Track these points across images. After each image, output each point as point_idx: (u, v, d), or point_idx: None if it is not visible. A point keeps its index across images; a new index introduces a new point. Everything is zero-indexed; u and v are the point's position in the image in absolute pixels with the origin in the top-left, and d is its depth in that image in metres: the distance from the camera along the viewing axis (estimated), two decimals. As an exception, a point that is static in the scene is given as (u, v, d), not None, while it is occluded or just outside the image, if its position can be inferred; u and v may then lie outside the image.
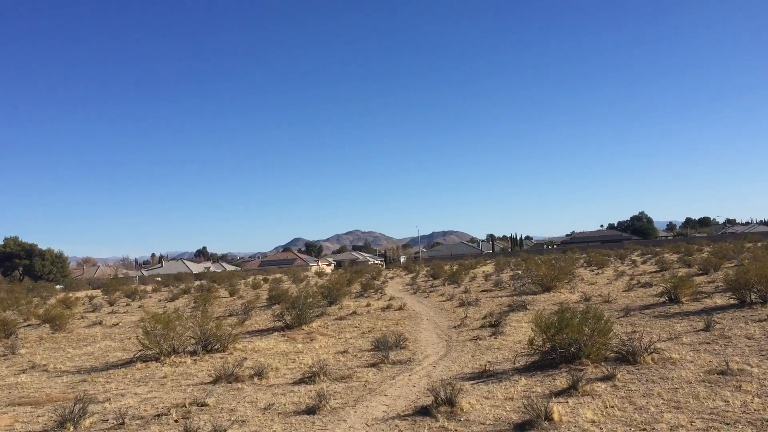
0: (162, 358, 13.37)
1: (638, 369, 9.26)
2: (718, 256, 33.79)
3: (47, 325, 22.89)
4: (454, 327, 16.64)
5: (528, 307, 19.19)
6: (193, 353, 13.81)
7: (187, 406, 8.90)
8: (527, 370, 9.93)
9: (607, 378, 8.74)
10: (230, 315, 23.71)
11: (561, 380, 8.88)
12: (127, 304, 36.10)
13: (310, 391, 9.52)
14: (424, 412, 7.78)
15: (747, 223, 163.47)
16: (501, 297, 24.45)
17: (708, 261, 31.27)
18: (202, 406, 8.89)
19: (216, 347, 14.16)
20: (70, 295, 50.78)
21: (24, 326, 24.61)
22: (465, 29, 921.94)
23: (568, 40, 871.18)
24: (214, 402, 9.08)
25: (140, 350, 13.85)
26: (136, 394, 10.29)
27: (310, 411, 8.22)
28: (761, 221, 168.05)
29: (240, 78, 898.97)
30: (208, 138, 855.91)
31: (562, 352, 9.72)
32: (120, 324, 23.50)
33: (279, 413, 8.29)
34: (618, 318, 15.18)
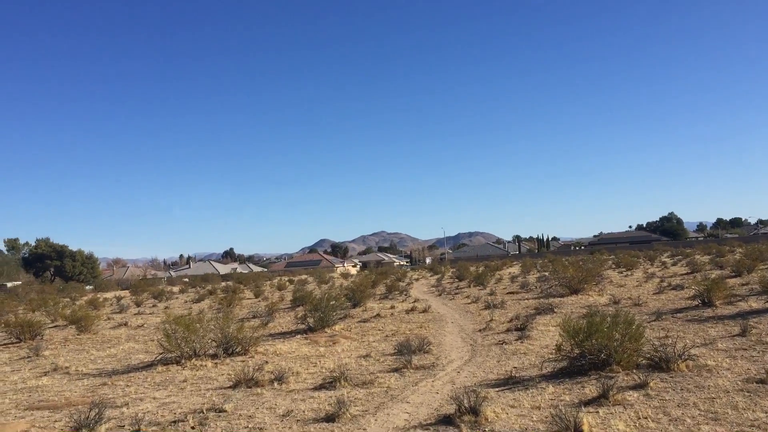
0: (183, 361, 13.23)
1: (672, 377, 8.86)
2: (751, 258, 32.89)
3: (73, 327, 22.98)
4: (480, 330, 16.30)
5: (555, 310, 18.77)
6: (214, 356, 13.65)
7: (204, 412, 8.71)
8: (555, 377, 9.57)
9: (639, 386, 8.35)
10: (254, 317, 23.62)
11: (591, 388, 8.52)
12: (153, 305, 36.26)
13: (331, 397, 9.27)
14: (446, 421, 7.49)
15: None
16: (527, 299, 24.03)
17: (741, 263, 30.43)
18: (219, 412, 8.68)
19: (237, 350, 14.00)
20: (99, 295, 51.36)
21: (51, 327, 24.79)
22: (491, 25, 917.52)
23: (597, 36, 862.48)
24: (233, 408, 8.88)
25: (161, 353, 13.73)
26: (154, 398, 10.13)
27: (330, 419, 7.96)
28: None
29: (267, 80, 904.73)
30: (236, 140, 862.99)
31: (591, 358, 9.35)
32: (145, 325, 23.53)
33: (297, 420, 8.05)
34: (649, 322, 14.72)
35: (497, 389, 9.08)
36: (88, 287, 75.16)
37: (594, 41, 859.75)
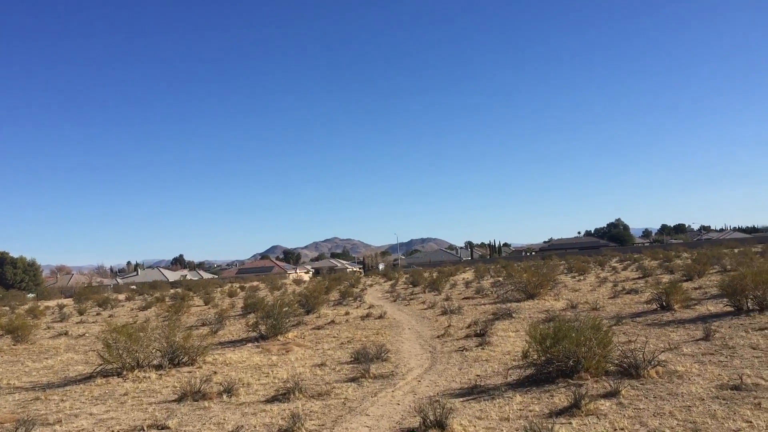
0: (124, 372, 12.37)
1: (643, 384, 8.50)
2: (701, 263, 33.35)
3: (9, 337, 21.68)
4: (438, 337, 15.82)
5: (513, 316, 18.45)
6: (158, 367, 12.82)
7: (145, 429, 7.97)
8: (521, 385, 9.12)
9: (610, 394, 7.96)
10: (203, 325, 22.69)
11: (560, 397, 8.10)
12: (97, 314, 34.87)
13: (284, 410, 8.64)
14: (410, 435, 6.95)
15: (722, 230, 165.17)
16: (484, 305, 23.71)
17: (692, 267, 30.81)
18: (162, 429, 7.97)
19: (184, 361, 13.20)
20: (40, 304, 49.30)
21: (-15, 337, 23.37)
22: (445, 30, 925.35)
23: (545, 43, 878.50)
24: (176, 424, 8.17)
25: (100, 365, 12.82)
26: (91, 414, 9.31)
27: (283, 435, 7.33)
28: (735, 228, 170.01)
29: (216, 82, 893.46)
30: (185, 144, 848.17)
31: (559, 365, 8.93)
32: (86, 335, 22.37)
33: (248, 437, 7.40)
34: (609, 326, 14.43)
35: (462, 399, 8.58)
36: (29, 295, 72.23)
37: (540, 47, 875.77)
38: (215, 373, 12.28)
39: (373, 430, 7.40)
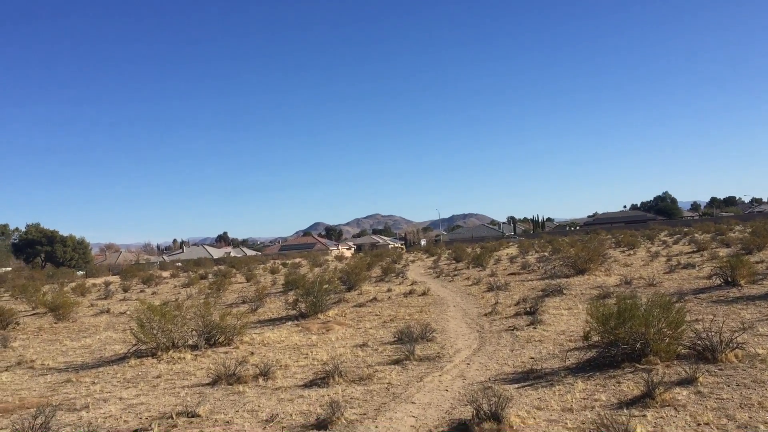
0: (159, 353, 11.91)
1: (721, 369, 7.57)
2: (761, 235, 31.66)
3: (51, 314, 21.62)
4: (485, 315, 15.02)
5: (564, 292, 17.51)
6: (194, 347, 12.34)
7: (174, 417, 7.40)
8: (582, 369, 8.28)
9: (686, 381, 7.07)
10: (243, 302, 22.31)
11: (628, 384, 7.24)
12: (141, 291, 34.93)
13: (323, 396, 7.99)
14: (462, 428, 6.21)
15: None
16: (531, 281, 22.79)
17: (751, 240, 29.26)
18: (192, 416, 7.38)
19: (220, 340, 12.69)
20: (88, 281, 49.97)
21: (30, 315, 23.44)
22: (488, 6, 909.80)
23: (594, 16, 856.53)
24: (208, 411, 7.58)
25: (134, 345, 12.39)
26: (121, 398, 8.81)
27: (321, 425, 6.67)
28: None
29: (260, 63, 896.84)
30: (230, 124, 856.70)
31: (624, 348, 8.05)
32: (128, 312, 22.18)
33: (283, 427, 6.75)
34: (681, 305, 13.43)
35: (517, 386, 7.80)
36: (79, 273, 73.57)
37: (587, 21, 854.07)
38: (252, 353, 11.72)
39: (419, 421, 6.67)
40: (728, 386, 6.88)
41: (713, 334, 8.31)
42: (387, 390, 8.17)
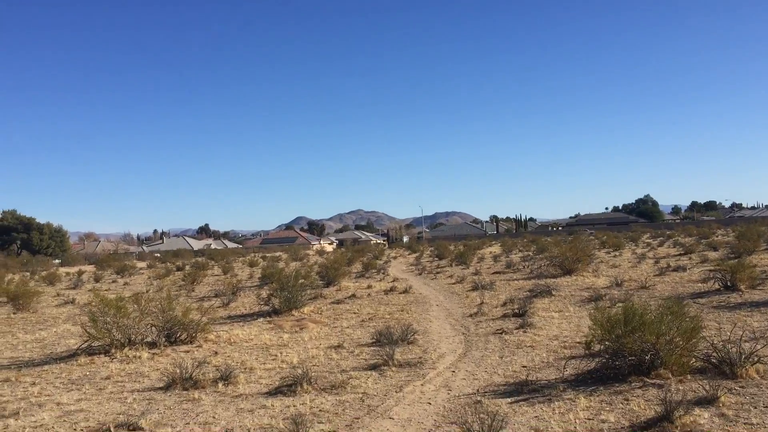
0: (113, 351, 10.82)
1: (742, 387, 6.65)
2: (750, 239, 31.03)
3: (11, 304, 20.38)
4: (470, 315, 14.08)
5: (553, 293, 16.61)
6: (153, 345, 11.26)
7: (112, 430, 6.35)
8: (583, 382, 7.32)
9: (706, 401, 6.13)
10: (216, 296, 21.20)
11: (639, 403, 6.30)
12: (113, 281, 33.68)
13: (288, 407, 6.99)
14: (448, 454, 5.23)
15: (754, 207, 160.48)
16: (517, 280, 21.91)
17: (740, 244, 28.59)
18: (133, 430, 6.34)
19: (182, 338, 11.61)
20: (62, 270, 48.51)
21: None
22: (474, 3, 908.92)
23: (575, 19, 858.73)
24: (153, 423, 6.54)
25: (86, 341, 11.25)
26: (59, 404, 7.72)
27: (282, 445, 5.66)
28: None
29: (241, 55, 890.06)
30: (214, 116, 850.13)
31: (632, 360, 7.11)
32: (93, 303, 20.97)
33: (237, 446, 5.74)
34: (696, 313, 12.56)
35: (510, 400, 6.83)
36: (55, 261, 71.82)
37: (569, 22, 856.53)
38: (216, 353, 10.68)
39: (398, 442, 5.69)
40: (755, 408, 5.96)
41: (731, 345, 7.37)
42: (361, 401, 7.17)
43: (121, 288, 27.91)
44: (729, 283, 14.64)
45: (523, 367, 8.50)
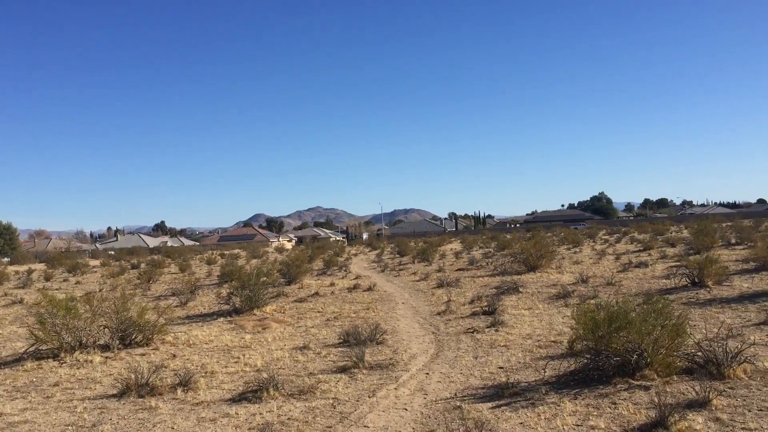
0: (62, 354, 10.13)
1: (732, 388, 6.39)
2: (707, 235, 31.44)
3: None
4: (439, 314, 13.72)
5: (521, 290, 16.38)
6: (106, 348, 10.60)
7: (59, 444, 5.78)
8: (565, 384, 6.99)
9: (698, 404, 5.85)
10: (173, 295, 20.44)
11: (627, 407, 5.98)
12: (64, 280, 32.44)
13: (254, 415, 6.49)
14: (432, 467, 4.82)
15: (704, 205, 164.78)
16: (482, 277, 21.68)
17: (698, 240, 28.92)
18: (83, 444, 5.78)
19: (137, 340, 10.97)
20: (10, 268, 46.72)
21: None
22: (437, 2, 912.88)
23: (533, 18, 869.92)
24: (105, 436, 5.99)
25: (33, 345, 10.53)
26: (1, 414, 7.08)
27: (249, 460, 5.18)
28: (717, 203, 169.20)
29: (205, 54, 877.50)
30: (170, 111, 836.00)
31: (617, 361, 6.80)
32: (43, 304, 20.00)
33: (200, 462, 5.24)
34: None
35: (491, 404, 6.45)
36: (4, 260, 69.36)
37: (529, 21, 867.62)
38: (174, 356, 10.10)
39: (375, 454, 5.26)
40: (749, 411, 5.70)
41: (717, 344, 7.11)
42: (333, 408, 6.71)
43: (72, 287, 26.83)
44: (696, 279, 14.58)
45: (500, 368, 8.15)
